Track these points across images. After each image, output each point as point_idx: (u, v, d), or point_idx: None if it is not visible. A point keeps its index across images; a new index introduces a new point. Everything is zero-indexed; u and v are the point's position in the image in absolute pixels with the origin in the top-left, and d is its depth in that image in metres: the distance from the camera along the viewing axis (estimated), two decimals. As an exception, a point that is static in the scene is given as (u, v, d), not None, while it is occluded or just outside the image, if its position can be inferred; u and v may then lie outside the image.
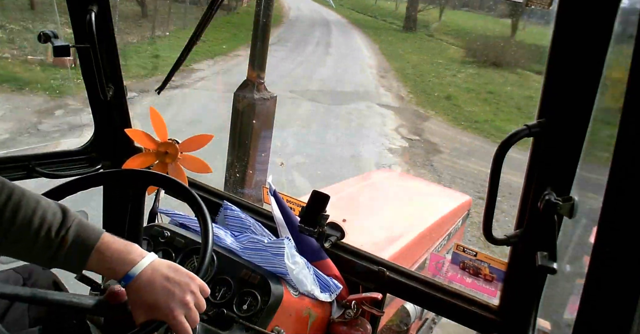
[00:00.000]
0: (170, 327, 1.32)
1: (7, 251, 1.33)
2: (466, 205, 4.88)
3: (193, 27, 2.31)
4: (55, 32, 2.14)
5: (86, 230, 1.31)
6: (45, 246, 1.28)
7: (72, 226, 1.29)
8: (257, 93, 6.22)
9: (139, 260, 1.32)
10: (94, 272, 1.35)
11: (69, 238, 1.28)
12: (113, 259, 1.30)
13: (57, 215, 1.30)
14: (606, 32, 1.28)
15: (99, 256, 1.30)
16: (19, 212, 1.27)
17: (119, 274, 1.30)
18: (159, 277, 1.31)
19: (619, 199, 1.03)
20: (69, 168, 2.51)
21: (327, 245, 2.12)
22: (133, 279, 1.29)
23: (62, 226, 1.29)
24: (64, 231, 1.28)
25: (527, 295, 1.70)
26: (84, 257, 1.29)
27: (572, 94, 1.39)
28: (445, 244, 4.26)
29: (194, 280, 1.35)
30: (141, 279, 1.30)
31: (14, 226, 1.26)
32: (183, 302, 1.30)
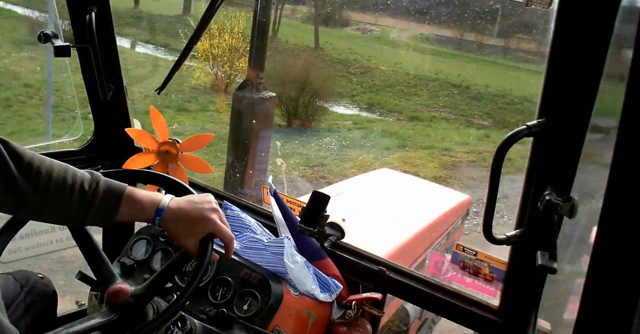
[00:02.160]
0: (215, 234, 1.50)
1: (46, 212, 1.45)
2: (465, 204, 4.89)
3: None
4: (55, 32, 2.15)
5: (112, 182, 1.46)
6: (80, 199, 1.41)
7: (100, 181, 1.45)
8: (257, 93, 6.23)
9: (162, 197, 1.50)
10: (124, 220, 1.48)
11: (100, 189, 1.43)
12: (143, 201, 1.46)
13: (86, 174, 1.46)
14: (606, 32, 1.28)
15: (129, 201, 1.45)
16: (52, 174, 1.41)
17: (150, 211, 1.46)
18: (184, 202, 1.49)
19: (619, 199, 1.03)
20: None
21: (327, 245, 2.12)
22: (165, 211, 1.46)
23: (93, 180, 1.44)
24: (95, 184, 1.43)
25: (527, 295, 1.70)
26: (116, 203, 1.43)
27: (572, 94, 1.39)
28: (444, 243, 4.26)
29: (210, 196, 1.55)
30: (171, 208, 1.47)
31: (51, 185, 1.40)
32: (214, 210, 1.50)
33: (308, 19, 23.15)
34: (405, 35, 25.12)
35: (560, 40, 1.38)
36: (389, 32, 24.90)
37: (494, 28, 26.94)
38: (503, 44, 26.80)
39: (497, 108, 16.87)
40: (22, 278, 1.90)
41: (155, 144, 2.31)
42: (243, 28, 11.96)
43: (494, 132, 14.13)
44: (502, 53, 26.31)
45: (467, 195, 5.09)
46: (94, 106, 2.54)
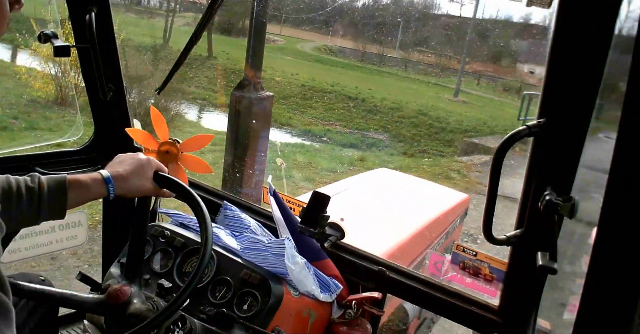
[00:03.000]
0: (159, 169, 1.73)
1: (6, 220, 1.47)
2: (464, 203, 4.90)
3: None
4: (55, 32, 2.14)
5: (52, 175, 1.56)
6: (30, 198, 1.49)
7: (40, 177, 1.53)
8: (255, 92, 6.22)
9: (99, 172, 1.61)
10: (77, 204, 1.58)
11: (44, 184, 1.51)
12: (86, 181, 1.56)
13: (25, 176, 1.54)
14: (607, 32, 1.29)
15: (74, 186, 1.54)
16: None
17: (98, 186, 1.58)
18: (118, 164, 1.68)
19: (619, 199, 1.03)
20: (69, 168, 2.51)
21: (327, 245, 2.13)
22: (112, 179, 1.60)
23: (34, 179, 1.52)
24: (37, 180, 1.52)
25: (527, 295, 1.70)
26: (63, 191, 1.52)
27: (572, 94, 1.39)
28: (443, 242, 4.27)
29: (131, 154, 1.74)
30: (116, 174, 1.61)
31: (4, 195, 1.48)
32: (144, 155, 1.73)
33: (212, 27, 22.75)
34: (309, 46, 25.26)
35: (560, 40, 1.38)
36: (294, 43, 24.78)
37: (396, 41, 27.09)
38: (404, 56, 26.67)
39: (393, 121, 16.54)
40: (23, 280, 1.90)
41: (155, 144, 2.31)
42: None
43: (371, 155, 13.64)
44: (403, 66, 26.29)
45: (466, 195, 5.10)
46: (94, 106, 2.54)
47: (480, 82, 27.12)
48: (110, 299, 1.54)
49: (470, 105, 21.04)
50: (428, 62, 26.25)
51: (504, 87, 26.74)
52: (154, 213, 2.33)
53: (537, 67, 26.51)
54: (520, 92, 25.74)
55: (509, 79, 27.24)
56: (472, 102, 21.64)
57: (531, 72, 26.76)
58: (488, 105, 21.94)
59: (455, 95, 21.90)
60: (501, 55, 25.88)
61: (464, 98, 21.93)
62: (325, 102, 17.49)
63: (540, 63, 26.21)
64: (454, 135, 15.79)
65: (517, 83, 26.71)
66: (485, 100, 23.00)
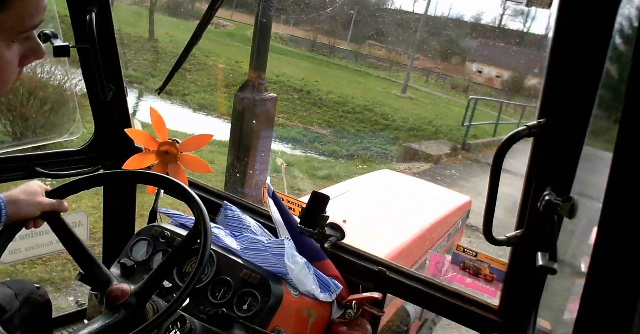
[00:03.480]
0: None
1: None
2: (466, 205, 4.89)
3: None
4: (55, 32, 2.14)
5: None
6: None
7: None
8: (258, 94, 6.23)
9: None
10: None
11: None
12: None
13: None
14: (606, 32, 1.28)
15: None
16: None
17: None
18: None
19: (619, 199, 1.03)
20: (70, 168, 2.51)
21: (327, 246, 2.12)
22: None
23: None
24: None
25: (527, 295, 1.70)
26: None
27: (572, 94, 1.39)
28: (445, 244, 4.26)
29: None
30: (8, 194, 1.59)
31: None
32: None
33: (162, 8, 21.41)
34: None
35: (560, 40, 1.38)
36: (245, 28, 23.68)
37: (348, 33, 26.61)
38: (355, 48, 26.45)
39: (337, 116, 16.01)
40: (17, 287, 1.90)
41: (155, 144, 2.31)
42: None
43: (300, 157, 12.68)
44: (353, 58, 26.03)
45: (468, 197, 5.09)
46: (94, 106, 2.54)
47: (429, 79, 26.87)
48: (110, 297, 1.54)
49: (417, 102, 20.58)
50: (379, 56, 25.96)
51: (452, 84, 26.58)
52: (154, 213, 2.33)
53: (485, 67, 26.52)
54: (467, 91, 25.62)
55: (457, 77, 27.04)
56: (419, 99, 21.22)
57: (479, 71, 26.78)
58: (435, 102, 21.50)
59: (403, 91, 21.45)
60: (451, 53, 25.76)
61: (412, 94, 21.49)
62: (273, 91, 16.70)
63: (487, 63, 26.19)
64: (399, 133, 15.29)
65: (465, 81, 26.58)
66: (433, 98, 22.55)
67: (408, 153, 12.64)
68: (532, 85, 25.87)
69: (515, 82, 26.07)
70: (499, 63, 26.35)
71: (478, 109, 18.00)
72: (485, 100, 19.31)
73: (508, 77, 26.46)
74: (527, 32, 25.92)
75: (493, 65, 26.67)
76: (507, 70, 26.32)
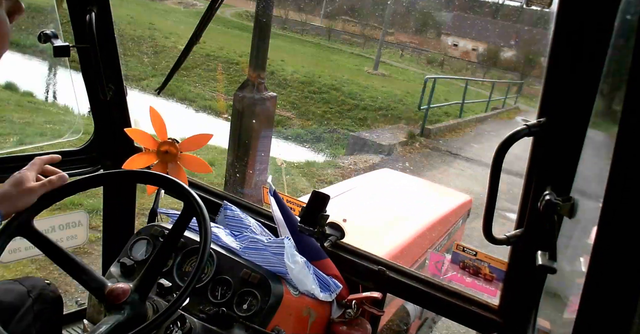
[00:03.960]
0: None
1: None
2: (466, 204, 4.89)
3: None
4: (55, 32, 2.15)
5: None
6: None
7: None
8: (258, 93, 6.22)
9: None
10: None
11: None
12: None
13: None
14: (606, 32, 1.28)
15: None
16: None
17: None
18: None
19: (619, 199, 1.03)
20: (70, 168, 2.51)
21: (327, 245, 2.12)
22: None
23: None
24: None
25: (527, 295, 1.70)
26: None
27: (572, 94, 1.39)
28: (445, 243, 4.26)
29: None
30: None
31: None
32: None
33: None
34: (230, 11, 23.42)
35: (560, 40, 1.38)
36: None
37: (321, 9, 25.75)
38: (328, 25, 25.73)
39: (302, 97, 15.01)
40: (28, 284, 1.93)
41: (154, 144, 2.31)
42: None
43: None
44: (326, 35, 25.20)
45: (469, 196, 5.09)
46: (94, 106, 2.54)
47: (405, 54, 26.35)
48: (110, 298, 1.54)
49: (390, 79, 19.74)
50: (353, 32, 25.45)
51: (427, 59, 26.24)
52: (154, 213, 2.33)
53: (461, 40, 26.32)
54: (442, 65, 25.29)
55: (433, 52, 26.64)
56: (392, 76, 20.39)
57: (455, 44, 26.62)
58: (410, 78, 20.67)
59: (375, 68, 20.62)
60: (426, 26, 25.42)
61: (385, 70, 20.70)
62: (231, 74, 15.58)
63: (463, 36, 25.98)
64: (367, 113, 14.47)
65: (440, 55, 26.26)
66: (408, 74, 21.77)
67: (357, 144, 11.22)
68: (509, 58, 25.62)
69: (491, 54, 25.76)
70: (475, 36, 26.11)
71: (454, 85, 17.51)
72: (443, 78, 18.40)
73: (484, 50, 26.15)
74: (503, 3, 25.49)
75: (469, 38, 26.45)
76: (483, 43, 26.08)
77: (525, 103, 21.42)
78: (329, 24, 26.40)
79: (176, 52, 16.86)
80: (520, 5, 23.34)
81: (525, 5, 1.50)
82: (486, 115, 16.77)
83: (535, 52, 24.35)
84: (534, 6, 1.51)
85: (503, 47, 25.52)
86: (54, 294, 1.99)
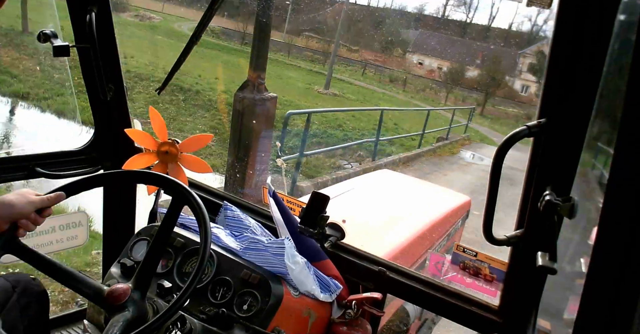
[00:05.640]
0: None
1: None
2: (466, 205, 4.89)
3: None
4: (55, 32, 2.15)
5: None
6: None
7: None
8: (258, 93, 6.23)
9: None
10: None
11: None
12: None
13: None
14: (606, 32, 1.28)
15: None
16: None
17: None
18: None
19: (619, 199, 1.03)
20: (70, 168, 2.51)
21: (327, 245, 2.12)
22: None
23: None
24: None
25: (527, 295, 1.70)
26: None
27: (572, 94, 1.39)
28: (445, 244, 4.26)
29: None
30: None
31: None
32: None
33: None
34: (189, 25, 22.00)
35: (560, 40, 1.38)
36: (173, 21, 22.01)
37: (284, 24, 25.34)
38: (290, 40, 25.38)
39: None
40: (13, 280, 1.94)
41: (155, 144, 2.31)
42: None
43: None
44: (287, 50, 24.79)
45: (468, 197, 5.09)
46: (94, 106, 2.54)
47: (367, 72, 25.77)
48: (111, 300, 1.54)
49: (341, 99, 18.79)
50: (316, 48, 24.97)
51: (390, 77, 25.87)
52: (154, 214, 2.33)
53: (426, 58, 26.16)
54: (406, 84, 24.85)
55: (396, 70, 26.18)
56: (345, 95, 19.46)
57: (420, 62, 26.51)
58: (365, 98, 19.78)
59: (326, 87, 19.62)
60: (391, 44, 25.10)
61: (338, 90, 19.80)
62: (150, 94, 13.75)
63: (429, 55, 25.76)
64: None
65: (404, 74, 25.87)
66: (364, 92, 20.93)
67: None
68: (474, 77, 25.45)
69: (456, 73, 25.56)
70: (441, 55, 25.96)
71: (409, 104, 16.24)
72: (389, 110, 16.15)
73: (449, 68, 25.98)
74: (470, 22, 25.25)
75: (434, 57, 26.31)
76: (449, 62, 25.93)
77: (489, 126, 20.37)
78: (292, 39, 25.72)
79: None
80: (487, 23, 23.20)
81: (525, 5, 1.50)
82: (420, 152, 13.90)
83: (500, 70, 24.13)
84: (534, 6, 1.51)
85: (468, 65, 25.42)
86: (38, 288, 2.00)
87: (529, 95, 27.12)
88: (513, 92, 27.61)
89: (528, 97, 27.05)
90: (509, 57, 26.33)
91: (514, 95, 27.57)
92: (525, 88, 27.56)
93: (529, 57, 26.18)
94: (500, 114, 25.25)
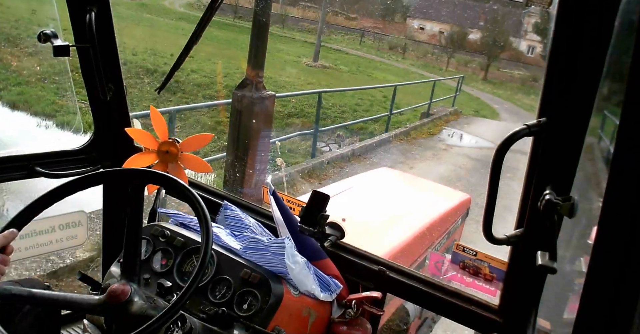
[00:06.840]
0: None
1: None
2: (466, 203, 4.89)
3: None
4: (55, 32, 2.14)
5: None
6: None
7: None
8: (256, 92, 6.22)
9: None
10: None
11: None
12: None
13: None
14: (606, 32, 1.28)
15: None
16: None
17: None
18: None
19: (619, 199, 1.03)
20: (69, 167, 2.51)
21: (327, 245, 2.13)
22: None
23: None
24: None
25: (527, 295, 1.70)
26: None
27: (572, 94, 1.39)
28: (445, 243, 4.26)
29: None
30: None
31: None
32: None
33: None
34: (182, 2, 21.96)
35: (560, 39, 1.38)
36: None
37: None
38: (286, 11, 24.66)
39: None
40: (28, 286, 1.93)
41: (155, 144, 2.31)
42: None
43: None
44: (281, 23, 23.77)
45: (468, 195, 5.09)
46: (94, 106, 2.54)
47: (365, 40, 25.10)
48: (111, 299, 1.54)
49: (331, 71, 17.59)
50: (313, 19, 24.14)
51: (389, 45, 25.28)
52: (154, 213, 2.33)
53: (428, 23, 25.76)
54: (405, 52, 24.15)
55: (396, 37, 25.53)
56: (336, 67, 18.32)
57: (421, 27, 26.13)
58: (359, 69, 18.52)
59: (315, 59, 18.38)
60: (391, 10, 24.45)
61: (329, 62, 18.58)
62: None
63: (430, 19, 25.27)
64: (275, 121, 11.41)
65: (404, 40, 25.29)
66: (360, 62, 19.73)
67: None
68: (477, 40, 24.96)
69: (459, 36, 24.98)
70: (442, 18, 25.51)
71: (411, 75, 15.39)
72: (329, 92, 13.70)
73: (451, 32, 25.47)
74: None
75: (436, 21, 25.84)
76: (451, 25, 25.47)
77: (491, 92, 19.16)
78: (288, 10, 24.87)
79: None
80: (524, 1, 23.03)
81: (525, 5, 1.50)
82: (388, 136, 11.67)
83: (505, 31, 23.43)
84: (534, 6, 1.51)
85: (471, 28, 24.94)
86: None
87: (535, 56, 26.42)
88: (519, 54, 26.92)
89: (534, 58, 26.34)
90: (513, 17, 25.55)
91: (520, 57, 26.92)
92: (532, 49, 26.80)
93: (534, 16, 25.22)
94: (505, 78, 24.43)
